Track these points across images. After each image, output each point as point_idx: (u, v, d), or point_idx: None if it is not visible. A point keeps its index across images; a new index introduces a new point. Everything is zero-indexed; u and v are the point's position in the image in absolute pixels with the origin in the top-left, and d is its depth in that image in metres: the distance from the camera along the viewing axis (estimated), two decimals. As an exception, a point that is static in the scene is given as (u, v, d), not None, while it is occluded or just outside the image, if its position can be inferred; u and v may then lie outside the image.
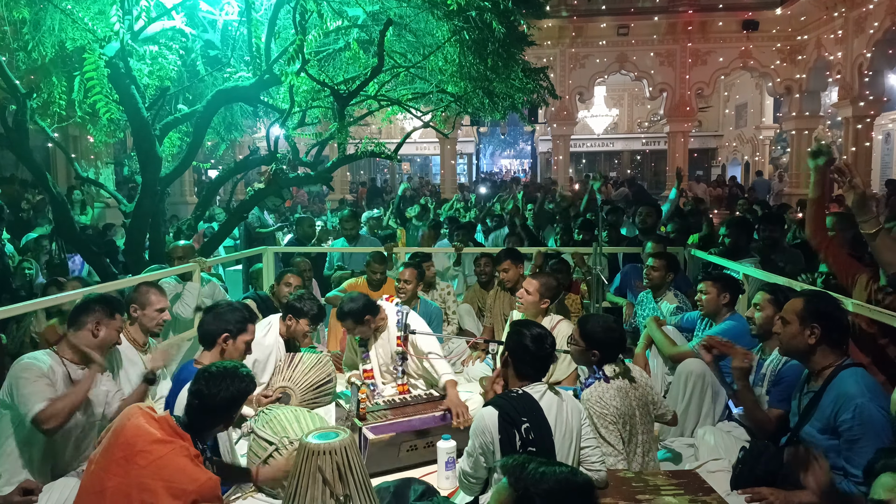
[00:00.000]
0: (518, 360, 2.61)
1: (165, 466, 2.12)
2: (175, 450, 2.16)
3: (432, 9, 4.83)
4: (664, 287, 4.69)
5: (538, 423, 2.43)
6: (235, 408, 2.40)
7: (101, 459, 2.19)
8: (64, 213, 5.57)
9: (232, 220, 6.70)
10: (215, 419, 2.38)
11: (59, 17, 4.59)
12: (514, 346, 2.61)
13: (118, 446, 2.16)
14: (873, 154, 14.09)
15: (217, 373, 2.35)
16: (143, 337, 3.55)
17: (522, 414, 2.42)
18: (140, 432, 2.17)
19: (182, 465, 2.14)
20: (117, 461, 2.14)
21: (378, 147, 6.43)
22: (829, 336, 2.57)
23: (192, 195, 14.71)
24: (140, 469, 2.11)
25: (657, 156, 24.24)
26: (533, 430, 2.40)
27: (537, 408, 2.47)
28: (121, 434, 2.18)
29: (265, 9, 5.00)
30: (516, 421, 2.40)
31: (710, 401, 3.47)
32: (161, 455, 2.13)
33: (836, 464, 2.50)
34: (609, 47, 16.24)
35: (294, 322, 4.02)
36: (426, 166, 28.27)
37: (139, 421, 2.20)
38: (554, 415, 2.49)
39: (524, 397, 2.50)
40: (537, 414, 2.45)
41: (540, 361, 2.60)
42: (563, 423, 2.50)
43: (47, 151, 11.51)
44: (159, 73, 5.15)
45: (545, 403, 2.50)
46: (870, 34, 12.44)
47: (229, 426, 2.41)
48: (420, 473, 3.16)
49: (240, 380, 2.37)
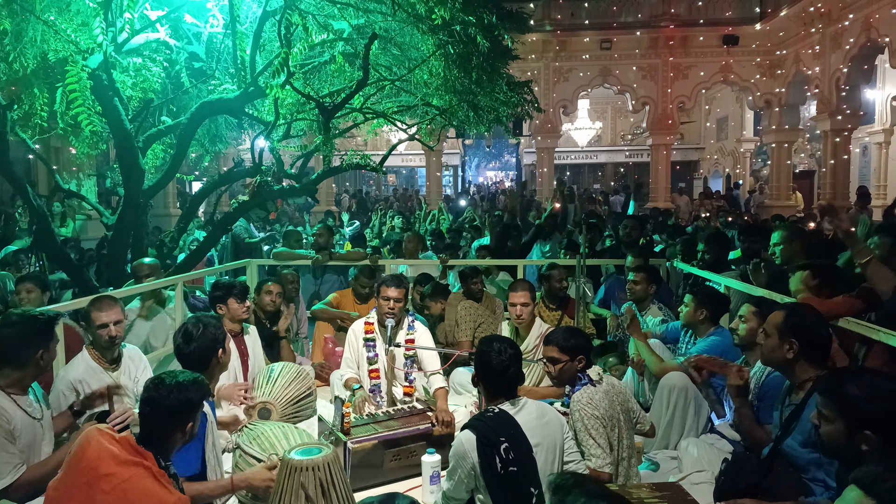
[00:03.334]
0: (485, 380, 2.65)
1: (130, 490, 2.04)
2: (140, 472, 2.08)
3: (417, 23, 4.85)
4: (648, 300, 4.72)
5: (517, 441, 2.42)
6: (187, 415, 2.28)
7: (60, 486, 2.09)
8: (45, 226, 5.50)
9: (216, 233, 6.66)
10: (166, 428, 2.26)
11: (42, 29, 4.55)
12: (479, 366, 2.65)
13: (80, 471, 2.07)
14: (851, 167, 14.32)
15: (168, 381, 2.29)
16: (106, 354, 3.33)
17: (500, 434, 2.42)
18: (102, 455, 2.08)
19: (148, 488, 2.07)
20: (80, 487, 2.04)
21: (363, 159, 6.43)
22: (807, 351, 2.58)
23: (175, 207, 14.59)
24: (104, 495, 2.02)
25: (640, 168, 24.45)
26: (512, 449, 2.40)
27: (515, 425, 2.47)
28: (82, 458, 2.09)
29: (250, 21, 5.00)
30: (494, 442, 2.39)
31: (693, 413, 3.49)
32: (125, 478, 2.05)
33: (816, 476, 2.53)
34: (592, 61, 16.44)
35: (225, 308, 4.08)
36: (412, 178, 28.30)
37: (100, 442, 2.11)
38: (533, 430, 2.49)
39: (501, 416, 2.50)
40: (516, 432, 2.45)
41: (504, 378, 2.61)
42: (544, 438, 2.50)
43: (28, 163, 11.39)
44: (143, 85, 5.11)
45: (523, 419, 2.51)
46: (846, 49, 12.70)
47: (187, 438, 2.32)
48: (404, 488, 3.13)
49: (191, 387, 2.29)
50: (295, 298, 5.60)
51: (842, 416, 1.94)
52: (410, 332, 4.09)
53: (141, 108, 5.45)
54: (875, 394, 1.90)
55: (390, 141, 13.64)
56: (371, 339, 4.05)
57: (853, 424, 1.90)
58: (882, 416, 1.86)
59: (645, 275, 4.71)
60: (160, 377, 2.33)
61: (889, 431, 1.85)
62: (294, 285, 5.58)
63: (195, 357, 2.92)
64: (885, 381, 1.95)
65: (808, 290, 3.42)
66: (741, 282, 4.48)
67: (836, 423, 1.95)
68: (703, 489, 2.83)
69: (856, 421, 1.90)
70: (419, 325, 4.15)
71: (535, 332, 4.18)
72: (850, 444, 1.90)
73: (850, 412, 1.92)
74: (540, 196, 16.28)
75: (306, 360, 5.38)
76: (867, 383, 1.94)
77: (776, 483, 2.52)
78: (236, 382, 3.89)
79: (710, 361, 3.42)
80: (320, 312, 5.41)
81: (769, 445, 2.72)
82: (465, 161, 28.53)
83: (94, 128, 4.68)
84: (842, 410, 1.95)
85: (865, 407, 1.90)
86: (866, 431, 1.86)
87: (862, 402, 1.91)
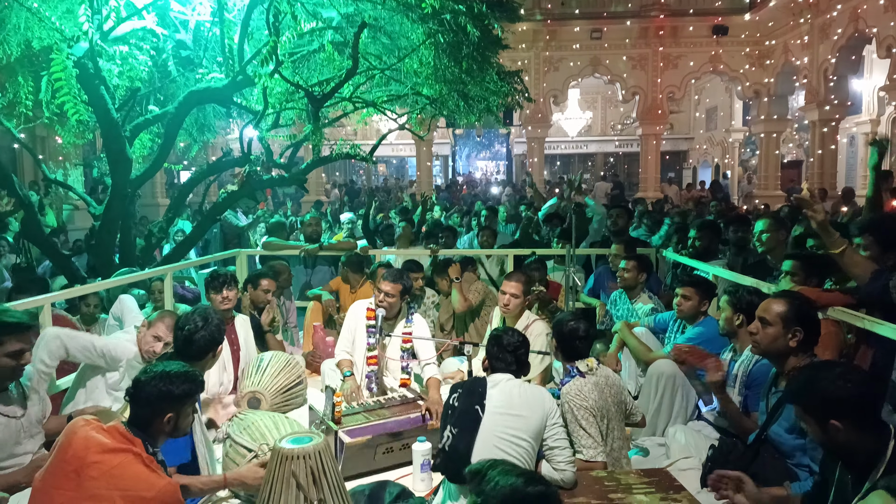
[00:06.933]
0: (493, 360, 2.90)
1: (120, 476, 2.05)
2: (129, 458, 2.09)
3: (407, 12, 4.83)
4: (638, 288, 4.76)
5: (471, 392, 2.76)
6: (165, 406, 2.27)
7: (48, 477, 2.08)
8: (31, 216, 5.45)
9: (204, 223, 6.62)
10: (146, 414, 2.25)
11: (25, 16, 4.49)
12: (487, 349, 2.94)
13: (67, 460, 2.06)
14: (839, 157, 14.44)
15: (157, 368, 2.30)
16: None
17: (465, 386, 2.82)
18: (90, 443, 2.08)
19: (138, 473, 2.08)
20: (67, 475, 2.04)
21: (353, 149, 6.41)
22: (808, 339, 2.61)
23: (163, 197, 14.48)
24: (93, 481, 2.02)
25: (630, 158, 24.52)
26: (462, 396, 2.76)
27: (483, 384, 2.79)
28: (69, 448, 2.08)
29: (238, 9, 4.95)
30: (455, 390, 2.83)
31: (681, 400, 3.53)
32: (115, 465, 2.06)
33: (801, 462, 2.57)
34: (582, 51, 16.42)
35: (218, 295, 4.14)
36: (402, 168, 28.21)
37: (87, 432, 2.11)
38: (500, 392, 2.74)
39: (480, 379, 2.87)
40: (477, 388, 2.78)
41: (502, 360, 2.90)
42: (509, 401, 2.70)
43: (13, 153, 11.24)
44: (129, 74, 5.06)
45: (496, 385, 2.78)
46: (834, 40, 12.76)
47: (169, 430, 2.31)
48: (395, 476, 3.15)
49: (176, 379, 2.29)
50: (286, 290, 5.59)
51: (806, 414, 2.00)
52: (408, 324, 4.11)
53: (128, 97, 5.39)
54: (823, 384, 1.94)
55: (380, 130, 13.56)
56: (372, 325, 4.08)
57: (819, 418, 1.94)
58: (836, 404, 1.90)
59: (636, 263, 4.75)
60: (156, 363, 2.35)
61: (851, 415, 1.88)
62: (286, 276, 5.57)
63: (200, 344, 2.94)
64: (824, 370, 2.00)
65: (796, 280, 3.46)
66: (728, 270, 4.52)
67: (807, 420, 2.00)
68: (691, 475, 2.87)
69: (821, 415, 1.93)
70: (417, 318, 4.18)
71: (521, 324, 4.21)
72: (827, 436, 1.94)
73: (812, 410, 1.97)
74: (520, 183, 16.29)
75: (297, 349, 5.39)
76: (814, 377, 1.99)
77: (762, 469, 2.56)
78: (219, 401, 3.86)
79: (691, 353, 3.45)
80: (316, 298, 5.47)
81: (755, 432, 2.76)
82: (456, 151, 28.48)
83: (80, 117, 4.63)
84: (805, 409, 2.00)
85: (820, 400, 1.94)
86: (832, 421, 1.89)
87: (814, 396, 1.97)
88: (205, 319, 2.97)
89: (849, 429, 1.88)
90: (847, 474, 1.98)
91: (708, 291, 3.96)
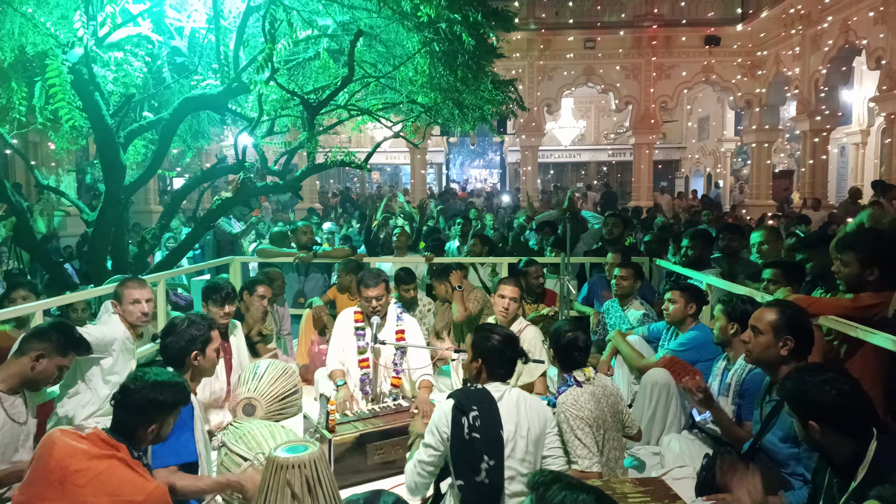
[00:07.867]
0: (488, 363, 2.70)
1: (107, 481, 2.02)
2: (115, 463, 2.07)
3: (403, 20, 4.84)
4: (632, 295, 4.78)
5: (488, 412, 2.53)
6: (153, 415, 2.25)
7: (30, 489, 2.04)
8: (23, 222, 5.41)
9: (198, 230, 6.60)
10: (132, 421, 2.23)
11: (20, 21, 4.47)
12: (485, 350, 2.70)
13: (50, 470, 2.02)
14: (829, 167, 14.55)
15: (147, 376, 2.27)
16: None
17: (474, 404, 2.55)
18: (72, 451, 2.05)
19: (126, 477, 2.05)
20: (51, 485, 2.00)
21: (348, 156, 6.40)
22: (800, 348, 2.61)
23: (156, 204, 14.43)
24: (79, 489, 1.99)
25: (623, 167, 24.62)
26: (481, 418, 2.51)
27: (491, 400, 2.58)
28: (49, 458, 2.04)
29: (234, 17, 4.96)
30: (466, 410, 2.53)
31: (675, 409, 3.53)
32: (101, 471, 2.03)
33: (795, 471, 2.57)
34: (576, 60, 16.52)
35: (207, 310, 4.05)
36: (396, 175, 28.23)
37: (67, 441, 2.08)
38: (508, 409, 2.57)
39: (482, 392, 2.62)
40: (490, 406, 2.56)
41: (510, 363, 2.73)
42: (519, 418, 2.57)
43: (6, 158, 11.18)
44: (124, 80, 5.05)
45: (501, 398, 2.59)
46: (825, 51, 12.90)
47: (152, 439, 2.28)
48: (390, 485, 3.14)
49: (165, 388, 2.26)
50: (279, 297, 5.56)
51: (792, 410, 2.07)
52: (399, 322, 4.11)
53: (122, 104, 5.37)
54: (805, 387, 2.01)
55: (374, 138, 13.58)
56: (361, 328, 4.07)
57: (800, 417, 2.02)
58: (815, 406, 1.98)
59: (632, 271, 4.78)
60: (145, 370, 2.32)
61: (828, 420, 1.95)
62: (279, 283, 5.55)
63: (171, 351, 2.91)
64: (811, 373, 2.05)
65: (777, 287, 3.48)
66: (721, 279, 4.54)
67: (793, 417, 2.07)
68: (685, 484, 2.86)
69: (801, 414, 2.01)
70: (407, 317, 4.19)
71: (514, 329, 4.21)
72: (806, 434, 2.01)
73: (794, 408, 2.05)
74: (522, 194, 16.32)
75: (290, 358, 5.35)
76: (800, 379, 2.05)
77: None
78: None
79: (672, 364, 3.46)
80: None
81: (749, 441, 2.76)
82: (450, 159, 28.54)
83: (74, 123, 4.62)
84: (790, 406, 2.07)
85: (800, 401, 2.02)
86: (811, 422, 1.96)
87: (795, 396, 2.04)
88: (172, 325, 2.97)
89: (826, 431, 1.95)
90: (834, 477, 2.01)
91: (695, 296, 3.97)
